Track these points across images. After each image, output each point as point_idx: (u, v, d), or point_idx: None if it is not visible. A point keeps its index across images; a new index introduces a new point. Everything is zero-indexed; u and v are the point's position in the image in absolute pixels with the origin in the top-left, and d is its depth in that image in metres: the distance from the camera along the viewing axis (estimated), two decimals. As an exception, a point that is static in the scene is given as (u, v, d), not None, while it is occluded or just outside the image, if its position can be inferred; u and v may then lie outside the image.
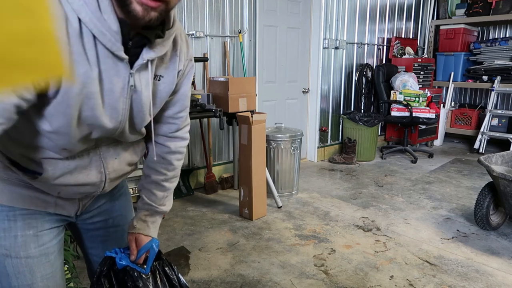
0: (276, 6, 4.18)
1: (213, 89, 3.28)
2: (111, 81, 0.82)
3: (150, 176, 1.12)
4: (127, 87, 0.85)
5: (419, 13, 5.95)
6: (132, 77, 0.85)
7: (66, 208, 1.03)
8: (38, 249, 0.96)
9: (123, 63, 0.82)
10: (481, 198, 2.82)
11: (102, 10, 0.74)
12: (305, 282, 2.21)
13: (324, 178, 4.18)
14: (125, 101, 0.87)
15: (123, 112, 0.88)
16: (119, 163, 1.00)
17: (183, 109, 1.06)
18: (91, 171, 0.94)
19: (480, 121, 5.58)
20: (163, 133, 1.08)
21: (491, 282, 2.23)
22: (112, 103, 0.85)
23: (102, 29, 0.75)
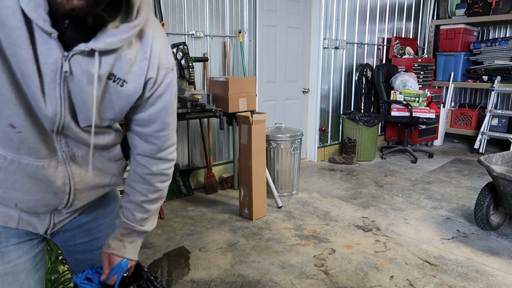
0: (276, 6, 4.18)
1: (213, 89, 3.28)
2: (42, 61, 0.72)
3: (130, 196, 1.00)
4: (59, 72, 0.73)
5: (419, 13, 5.95)
6: (67, 62, 0.73)
7: (32, 225, 0.92)
8: (3, 267, 0.86)
9: (53, 41, 0.70)
10: (481, 198, 2.82)
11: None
12: (305, 282, 2.21)
13: (324, 178, 4.18)
14: (59, 88, 0.75)
15: (56, 101, 0.76)
16: (87, 171, 0.89)
17: (165, 127, 0.93)
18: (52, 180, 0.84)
19: (480, 121, 5.58)
20: (144, 153, 0.96)
21: (491, 282, 2.23)
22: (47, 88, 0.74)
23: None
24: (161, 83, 0.88)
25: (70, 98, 0.78)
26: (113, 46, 0.75)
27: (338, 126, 5.12)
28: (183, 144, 3.67)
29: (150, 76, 0.85)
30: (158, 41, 0.86)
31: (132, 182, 0.99)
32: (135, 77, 0.82)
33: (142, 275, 1.02)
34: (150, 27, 0.84)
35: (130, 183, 1.00)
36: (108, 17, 0.74)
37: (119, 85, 0.81)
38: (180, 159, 3.67)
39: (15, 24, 0.66)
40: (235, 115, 3.14)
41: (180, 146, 3.65)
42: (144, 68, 0.83)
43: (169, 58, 0.89)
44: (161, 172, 0.99)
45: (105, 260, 0.99)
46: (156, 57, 0.85)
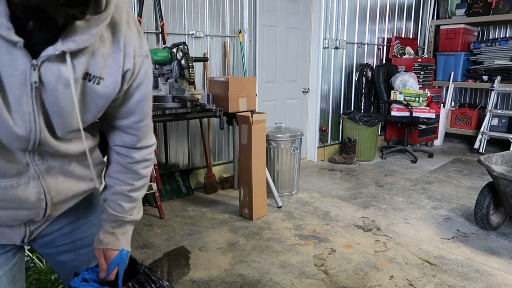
0: (276, 6, 4.18)
1: (213, 89, 3.28)
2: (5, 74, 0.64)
3: (114, 187, 0.95)
4: (28, 83, 0.65)
5: (419, 13, 5.95)
6: (36, 71, 0.65)
7: (6, 236, 0.85)
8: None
9: (19, 51, 0.62)
10: (481, 198, 2.82)
11: None
12: (305, 282, 2.21)
13: (324, 178, 4.18)
14: (30, 101, 0.67)
15: (29, 116, 0.69)
16: (66, 181, 0.83)
17: (144, 117, 0.89)
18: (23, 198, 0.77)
19: (480, 121, 5.58)
20: (123, 144, 0.92)
21: (491, 282, 2.23)
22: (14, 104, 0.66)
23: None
24: (138, 73, 0.82)
25: (45, 109, 0.70)
26: (85, 44, 0.67)
27: (338, 126, 5.12)
28: (183, 144, 3.67)
29: (127, 68, 0.79)
30: (131, 26, 0.79)
31: (115, 173, 0.94)
32: (111, 71, 0.76)
33: (138, 269, 0.98)
34: (120, 13, 0.75)
35: (113, 174, 0.95)
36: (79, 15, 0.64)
37: (95, 83, 0.74)
38: (180, 159, 3.67)
39: None
40: (235, 115, 3.14)
41: (180, 146, 3.65)
42: (119, 60, 0.77)
43: (143, 44, 0.82)
44: (144, 158, 0.95)
45: (100, 256, 0.94)
46: (131, 46, 0.78)
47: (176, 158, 3.63)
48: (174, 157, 3.62)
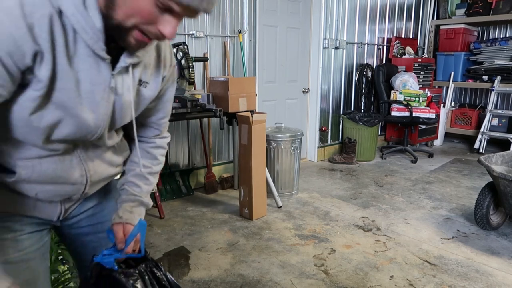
0: (276, 6, 4.18)
1: (213, 89, 3.28)
2: (91, 82, 0.79)
3: (135, 169, 1.08)
4: (107, 89, 0.82)
5: (419, 13, 5.95)
6: (114, 79, 0.82)
7: (46, 212, 0.97)
8: (17, 255, 0.91)
9: (105, 63, 0.79)
10: (481, 198, 2.82)
11: (87, 6, 0.71)
12: (305, 282, 2.21)
13: (324, 178, 4.18)
14: (107, 105, 0.84)
15: (103, 117, 0.85)
16: (100, 164, 0.97)
17: (166, 115, 1.08)
18: (71, 172, 0.90)
19: (480, 121, 5.58)
20: (146, 136, 1.09)
21: (491, 282, 2.23)
22: (92, 106, 0.81)
23: (86, 26, 0.72)
24: (169, 79, 1.01)
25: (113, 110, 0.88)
26: (142, 58, 0.86)
27: (338, 126, 5.12)
28: (183, 144, 3.67)
29: (164, 75, 0.98)
30: (166, 43, 0.97)
31: (136, 157, 1.07)
32: (154, 78, 0.94)
33: (147, 257, 1.05)
34: None
35: (134, 158, 1.09)
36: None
37: (144, 87, 0.92)
38: (180, 159, 3.67)
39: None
40: (235, 115, 3.14)
41: (180, 146, 3.65)
42: (160, 69, 0.95)
43: (172, 56, 1.01)
44: (162, 145, 1.12)
45: (119, 231, 1.02)
46: (167, 58, 0.97)
47: (176, 158, 3.63)
48: (174, 157, 3.62)
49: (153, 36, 0.76)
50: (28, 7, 0.65)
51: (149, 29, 0.75)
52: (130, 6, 0.71)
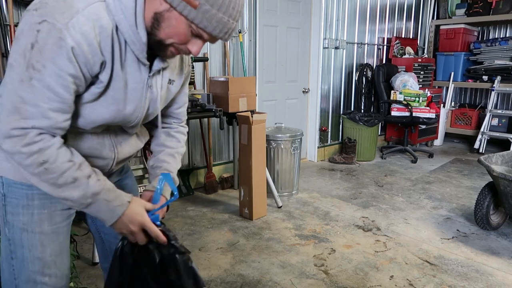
0: (276, 6, 4.18)
1: (213, 89, 3.28)
2: (134, 81, 1.01)
3: (164, 150, 1.27)
4: (146, 87, 1.04)
5: (419, 13, 5.95)
6: (150, 79, 1.04)
7: None
8: (50, 227, 1.07)
9: (145, 68, 1.01)
10: (481, 198, 2.82)
11: (138, 25, 0.93)
12: (305, 282, 2.21)
13: (324, 178, 4.18)
14: (144, 100, 1.06)
15: (142, 110, 1.07)
16: (126, 146, 1.17)
17: (183, 105, 1.30)
18: (103, 149, 1.10)
19: (480, 121, 5.58)
20: (169, 123, 1.31)
21: (491, 282, 2.23)
22: (135, 100, 1.03)
23: (134, 40, 0.94)
24: (188, 75, 1.24)
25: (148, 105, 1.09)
26: (170, 63, 1.09)
27: (338, 126, 5.12)
28: (183, 144, 3.66)
29: (184, 73, 1.20)
30: None
31: (163, 141, 1.28)
32: (178, 76, 1.17)
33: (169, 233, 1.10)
34: None
35: (162, 142, 1.28)
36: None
37: (172, 85, 1.14)
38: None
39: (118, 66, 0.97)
40: (235, 115, 3.14)
41: (180, 146, 3.64)
42: (183, 69, 1.19)
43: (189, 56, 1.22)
44: (182, 131, 1.34)
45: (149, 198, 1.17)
46: (187, 59, 1.20)
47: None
48: (174, 157, 3.61)
49: (183, 52, 0.99)
50: (98, 28, 0.88)
51: (181, 47, 0.97)
52: (171, 30, 0.92)
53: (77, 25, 0.85)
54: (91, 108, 0.98)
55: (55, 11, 0.85)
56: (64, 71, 0.86)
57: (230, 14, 0.92)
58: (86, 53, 0.88)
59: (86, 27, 0.86)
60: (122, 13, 0.91)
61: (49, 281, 1.07)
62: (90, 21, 0.87)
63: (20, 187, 1.04)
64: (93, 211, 0.98)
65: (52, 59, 0.85)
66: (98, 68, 0.92)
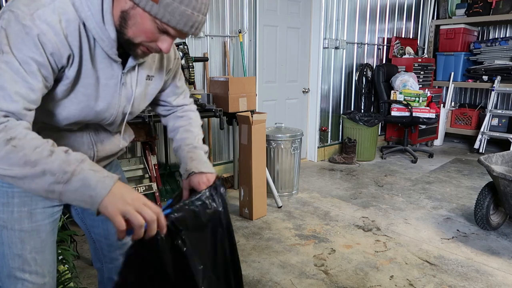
0: (276, 6, 4.18)
1: (213, 89, 3.28)
2: (106, 77, 1.00)
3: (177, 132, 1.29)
4: (119, 84, 1.03)
5: (419, 13, 5.95)
6: (124, 76, 1.03)
7: None
8: (30, 225, 1.07)
9: (117, 64, 1.00)
10: (481, 198, 2.82)
11: (105, 22, 0.92)
12: (305, 282, 2.21)
13: (324, 178, 4.18)
14: (118, 97, 1.05)
15: (116, 106, 1.06)
16: (108, 144, 1.17)
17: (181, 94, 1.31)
18: (83, 145, 1.10)
19: (480, 121, 5.58)
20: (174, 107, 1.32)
21: (491, 282, 2.23)
22: (107, 97, 1.03)
23: (103, 36, 0.93)
24: (174, 70, 1.24)
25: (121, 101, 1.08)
26: (146, 58, 1.07)
27: (338, 126, 5.12)
28: (183, 144, 3.66)
29: (169, 68, 1.20)
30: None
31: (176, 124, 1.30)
32: (159, 71, 1.15)
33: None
34: None
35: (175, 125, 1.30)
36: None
37: (150, 80, 1.13)
38: (180, 159, 3.67)
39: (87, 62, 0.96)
40: (235, 115, 3.14)
41: (180, 146, 3.64)
42: (164, 63, 1.16)
43: (175, 49, 1.24)
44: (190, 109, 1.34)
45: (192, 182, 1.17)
46: (172, 53, 1.19)
47: (176, 158, 3.63)
48: (174, 157, 3.62)
49: (153, 50, 0.98)
50: (64, 22, 0.89)
51: (151, 45, 0.96)
52: (138, 27, 0.92)
53: (43, 16, 0.86)
54: (62, 105, 0.98)
55: (20, 3, 0.86)
56: (31, 57, 0.85)
57: (193, 7, 0.91)
58: (53, 43, 0.87)
59: (52, 18, 0.87)
60: (88, 10, 0.90)
61: (30, 277, 1.08)
62: (56, 14, 0.87)
63: (0, 185, 1.04)
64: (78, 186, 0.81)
65: (19, 44, 0.84)
66: (65, 61, 0.91)
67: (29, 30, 0.84)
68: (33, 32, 0.85)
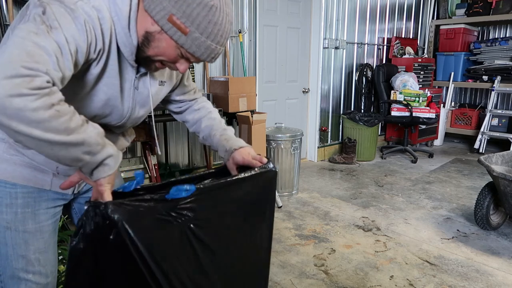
0: (276, 6, 4.18)
1: (213, 89, 3.28)
2: (124, 80, 1.04)
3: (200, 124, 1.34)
4: (132, 88, 1.07)
5: (419, 13, 5.95)
6: (137, 80, 1.07)
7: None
8: (34, 226, 1.08)
9: (132, 69, 1.04)
10: (481, 198, 2.82)
11: (131, 28, 0.95)
12: (305, 282, 2.21)
13: (324, 178, 4.18)
14: (130, 100, 1.08)
15: (130, 106, 1.09)
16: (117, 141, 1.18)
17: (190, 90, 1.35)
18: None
19: (480, 121, 5.58)
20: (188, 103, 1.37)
21: (491, 282, 2.23)
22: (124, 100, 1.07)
23: (126, 42, 0.96)
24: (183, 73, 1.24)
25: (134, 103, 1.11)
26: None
27: (338, 126, 5.12)
28: (183, 144, 3.67)
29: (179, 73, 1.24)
30: None
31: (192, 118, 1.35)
32: (170, 77, 1.21)
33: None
34: None
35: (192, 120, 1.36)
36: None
37: (163, 85, 1.17)
38: (180, 159, 3.67)
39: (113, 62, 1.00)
40: (235, 115, 3.14)
41: (180, 146, 3.65)
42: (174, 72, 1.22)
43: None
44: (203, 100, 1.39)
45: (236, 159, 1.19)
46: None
47: (176, 158, 3.63)
48: (174, 157, 3.62)
49: (170, 68, 1.04)
50: (101, 19, 0.91)
51: (169, 64, 1.01)
52: (160, 50, 0.96)
53: (86, 7, 0.87)
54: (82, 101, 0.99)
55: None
56: (76, 39, 0.85)
57: (218, 41, 0.96)
58: (93, 34, 0.89)
59: (91, 12, 0.88)
60: (116, 15, 0.93)
61: (33, 278, 1.08)
62: (94, 10, 0.89)
63: (4, 186, 1.03)
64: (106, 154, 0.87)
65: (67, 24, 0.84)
66: (95, 55, 0.92)
67: (78, 14, 0.85)
68: (81, 18, 0.86)
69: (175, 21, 0.90)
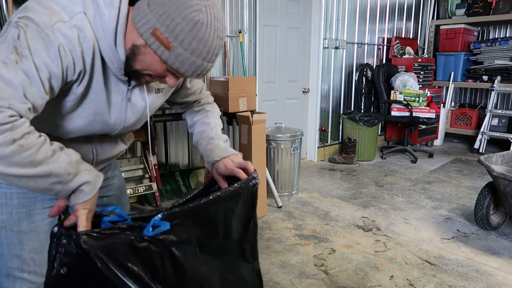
0: (276, 6, 4.18)
1: (213, 89, 3.28)
2: (114, 94, 1.02)
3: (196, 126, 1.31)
4: (125, 100, 1.05)
5: (419, 13, 5.95)
6: (130, 92, 1.05)
7: None
8: (29, 226, 1.08)
9: (123, 83, 1.02)
10: (481, 198, 2.82)
11: (117, 44, 0.93)
12: (305, 282, 2.21)
13: (324, 178, 4.18)
14: (123, 112, 1.07)
15: (122, 119, 1.08)
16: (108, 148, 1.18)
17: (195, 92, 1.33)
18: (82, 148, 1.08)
19: (480, 121, 5.58)
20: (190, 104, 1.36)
21: (491, 282, 2.23)
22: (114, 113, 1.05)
23: (112, 58, 0.94)
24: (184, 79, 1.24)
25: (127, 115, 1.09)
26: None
27: (338, 126, 5.12)
28: (183, 144, 3.67)
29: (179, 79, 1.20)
30: None
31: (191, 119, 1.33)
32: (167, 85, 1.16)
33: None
34: None
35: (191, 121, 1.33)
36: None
37: (161, 93, 1.16)
38: (180, 159, 3.67)
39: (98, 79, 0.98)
40: (235, 115, 3.14)
41: (180, 146, 3.65)
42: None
43: None
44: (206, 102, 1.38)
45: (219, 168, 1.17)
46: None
47: (176, 158, 3.63)
48: (174, 157, 3.62)
49: (160, 82, 1.01)
50: (82, 39, 0.89)
51: (157, 78, 1.00)
52: (147, 64, 0.94)
53: (63, 29, 0.86)
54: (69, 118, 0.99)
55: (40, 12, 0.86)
56: (48, 66, 0.84)
57: (204, 58, 0.92)
58: (70, 57, 0.88)
59: (71, 34, 0.87)
60: (102, 31, 0.91)
61: (29, 277, 1.09)
62: (74, 31, 0.88)
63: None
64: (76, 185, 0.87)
65: (39, 51, 0.83)
66: (76, 77, 0.92)
67: (51, 40, 0.84)
68: (55, 43, 0.85)
69: (159, 35, 0.88)
